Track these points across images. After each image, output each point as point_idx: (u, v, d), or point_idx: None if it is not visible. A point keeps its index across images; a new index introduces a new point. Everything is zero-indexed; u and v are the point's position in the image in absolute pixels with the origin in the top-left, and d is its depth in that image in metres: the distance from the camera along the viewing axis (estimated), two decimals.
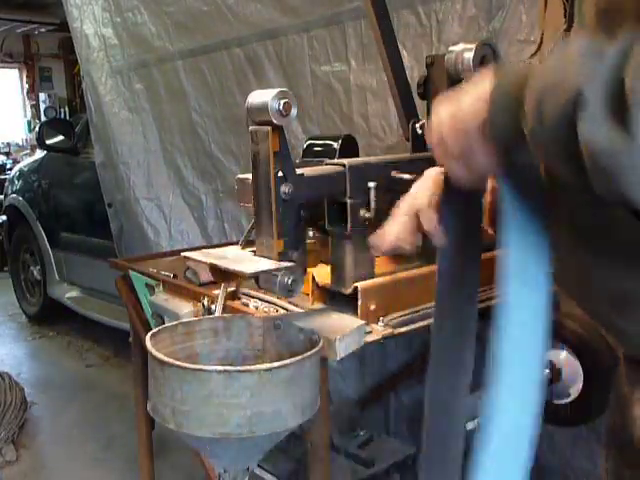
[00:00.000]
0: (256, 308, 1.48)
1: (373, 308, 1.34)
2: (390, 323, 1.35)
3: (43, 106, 9.25)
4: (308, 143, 1.81)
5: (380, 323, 1.34)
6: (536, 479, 0.80)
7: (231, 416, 0.95)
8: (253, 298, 1.53)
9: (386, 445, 2.06)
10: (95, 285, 4.16)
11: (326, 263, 1.47)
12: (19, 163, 5.72)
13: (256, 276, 1.21)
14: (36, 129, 5.09)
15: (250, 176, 1.23)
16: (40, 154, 4.81)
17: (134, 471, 2.28)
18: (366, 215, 1.30)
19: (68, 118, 7.84)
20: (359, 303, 1.32)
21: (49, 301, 4.63)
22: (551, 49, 0.61)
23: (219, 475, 1.07)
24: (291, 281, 1.18)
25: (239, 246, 1.29)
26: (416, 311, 1.37)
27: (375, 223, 1.34)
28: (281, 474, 1.90)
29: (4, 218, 5.16)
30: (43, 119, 8.43)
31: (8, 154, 8.30)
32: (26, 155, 7.17)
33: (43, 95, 9.35)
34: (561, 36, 0.95)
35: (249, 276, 1.18)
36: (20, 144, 8.97)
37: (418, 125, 1.50)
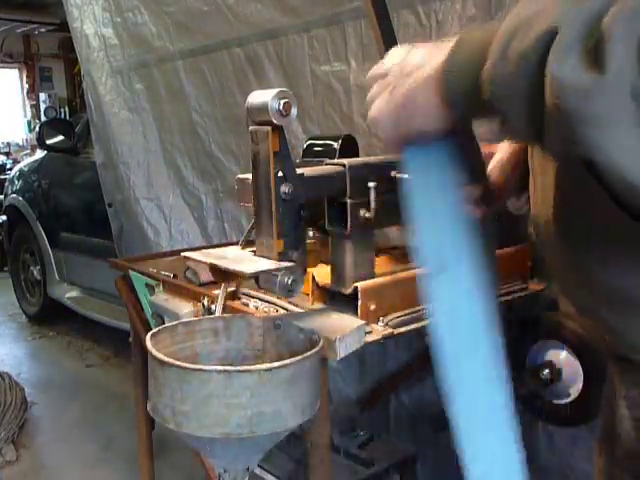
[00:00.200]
0: (256, 308, 1.48)
1: (373, 308, 1.34)
2: (390, 323, 1.35)
3: (43, 106, 9.26)
4: (308, 143, 1.81)
5: (380, 323, 1.34)
6: (536, 479, 0.79)
7: (231, 416, 0.95)
8: (253, 298, 1.53)
9: (386, 445, 2.06)
10: (95, 285, 4.17)
11: (326, 263, 1.47)
12: (19, 163, 5.72)
13: (256, 276, 1.21)
14: (36, 129, 5.10)
15: (250, 176, 1.23)
16: (40, 154, 4.82)
17: (134, 471, 2.28)
18: (366, 215, 1.30)
19: (68, 118, 7.84)
20: (359, 303, 1.33)
21: (49, 301, 4.63)
22: None
23: (219, 475, 1.07)
24: (291, 281, 1.18)
25: (239, 246, 1.29)
26: (416, 311, 1.37)
27: (375, 223, 1.35)
28: (281, 474, 1.90)
29: (4, 218, 5.17)
30: (43, 119, 8.44)
31: (8, 154, 8.31)
32: (26, 155, 7.17)
33: (43, 95, 9.36)
34: None
35: (249, 276, 1.18)
36: (20, 144, 8.98)
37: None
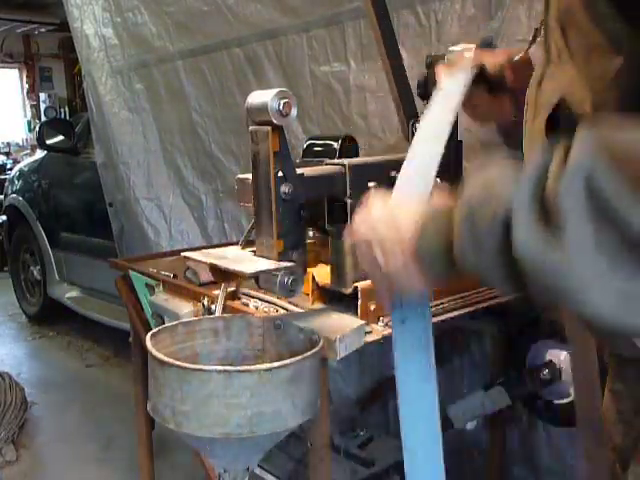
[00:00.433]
0: (256, 308, 1.48)
1: (373, 308, 1.34)
2: (390, 323, 1.34)
3: (43, 106, 9.26)
4: (308, 143, 1.81)
5: (380, 323, 1.34)
6: (536, 479, 0.80)
7: (231, 416, 0.95)
8: (253, 298, 1.53)
9: (386, 445, 2.06)
10: (95, 285, 4.16)
11: (326, 263, 1.46)
12: (19, 163, 5.72)
13: (256, 276, 1.21)
14: (36, 129, 5.09)
15: (250, 176, 1.23)
16: (40, 154, 4.81)
17: (134, 471, 2.28)
18: None
19: (68, 118, 7.84)
20: (359, 303, 1.33)
21: (49, 301, 4.63)
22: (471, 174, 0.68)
23: (219, 475, 1.07)
24: (291, 281, 1.18)
25: (239, 246, 1.29)
26: None
27: None
28: (281, 474, 1.90)
29: (4, 218, 5.16)
30: (43, 119, 8.44)
31: (8, 154, 8.31)
32: (26, 155, 7.17)
33: (43, 95, 9.36)
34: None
35: (249, 276, 1.18)
36: (20, 144, 8.98)
37: (418, 125, 1.50)
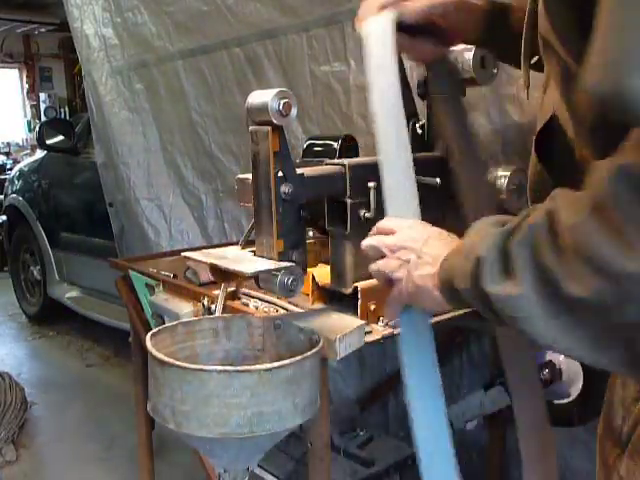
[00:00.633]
0: (256, 308, 1.48)
1: (373, 308, 1.34)
2: (390, 323, 1.35)
3: (43, 106, 9.26)
4: (308, 143, 1.81)
5: (380, 323, 1.34)
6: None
7: (231, 416, 0.95)
8: (253, 298, 1.53)
9: (386, 445, 2.06)
10: (95, 285, 4.17)
11: (326, 263, 1.47)
12: (19, 163, 5.72)
13: (256, 276, 1.21)
14: (36, 129, 5.09)
15: (250, 176, 1.23)
16: (40, 154, 4.81)
17: (134, 471, 2.28)
18: (366, 215, 1.30)
19: (68, 118, 7.84)
20: (359, 303, 1.33)
21: (49, 301, 4.63)
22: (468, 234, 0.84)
23: (219, 475, 1.07)
24: (291, 281, 1.18)
25: (239, 246, 1.29)
26: None
27: (375, 223, 1.34)
28: (281, 474, 1.90)
29: (4, 218, 5.16)
30: (43, 119, 8.44)
31: (8, 154, 8.32)
32: (26, 155, 7.18)
33: (43, 95, 9.36)
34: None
35: (249, 276, 1.18)
36: (20, 144, 8.99)
37: (418, 125, 1.50)
